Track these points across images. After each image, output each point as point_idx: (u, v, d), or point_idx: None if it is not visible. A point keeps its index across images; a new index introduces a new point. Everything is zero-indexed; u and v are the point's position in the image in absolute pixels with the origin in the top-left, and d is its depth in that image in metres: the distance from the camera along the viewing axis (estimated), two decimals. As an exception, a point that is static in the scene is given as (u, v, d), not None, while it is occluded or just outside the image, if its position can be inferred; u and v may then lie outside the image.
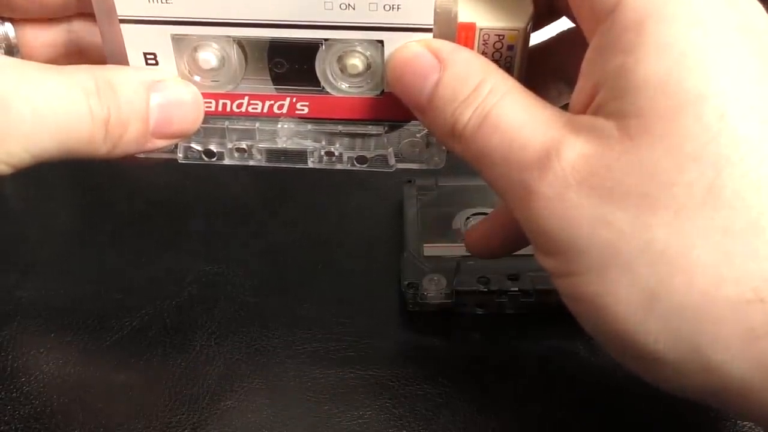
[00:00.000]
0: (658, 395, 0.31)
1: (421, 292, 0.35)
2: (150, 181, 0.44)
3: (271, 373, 0.33)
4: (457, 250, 0.37)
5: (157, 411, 0.31)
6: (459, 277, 0.35)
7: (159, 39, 0.27)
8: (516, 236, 0.31)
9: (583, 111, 0.23)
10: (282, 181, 0.43)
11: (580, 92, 0.23)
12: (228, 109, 0.28)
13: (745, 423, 0.30)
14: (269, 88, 0.28)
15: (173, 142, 0.28)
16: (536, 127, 0.23)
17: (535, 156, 0.22)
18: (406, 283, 0.35)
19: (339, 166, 0.29)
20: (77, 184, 0.45)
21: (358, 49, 0.26)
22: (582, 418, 0.31)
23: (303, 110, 0.28)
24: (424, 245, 0.37)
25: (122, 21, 0.26)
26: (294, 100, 0.28)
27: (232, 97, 0.28)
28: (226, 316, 0.35)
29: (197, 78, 0.28)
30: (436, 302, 0.35)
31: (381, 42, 0.26)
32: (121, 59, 0.27)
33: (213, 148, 0.29)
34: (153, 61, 0.27)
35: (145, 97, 0.26)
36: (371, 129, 0.28)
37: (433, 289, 0.35)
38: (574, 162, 0.22)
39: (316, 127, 0.28)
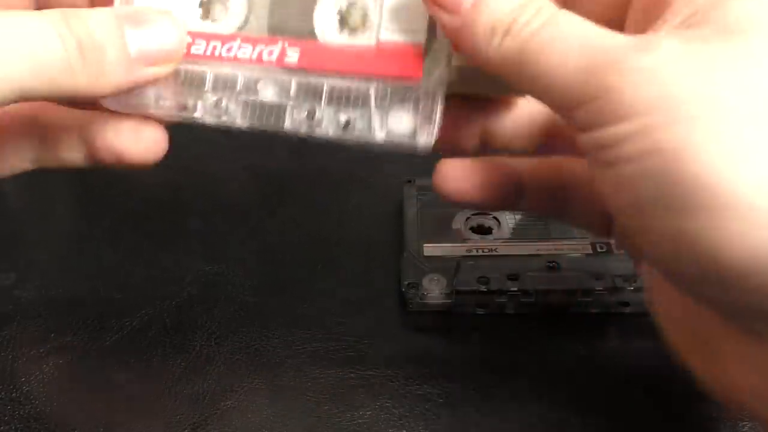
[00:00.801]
0: (658, 395, 0.31)
1: (421, 292, 0.35)
2: (149, 180, 0.44)
3: (271, 373, 0.33)
4: (457, 250, 0.37)
5: (157, 411, 0.31)
6: (459, 277, 0.35)
7: None
8: (506, 182, 0.29)
9: None
10: (281, 180, 0.43)
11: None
12: (216, 53, 0.27)
13: (745, 423, 0.30)
14: (261, 31, 0.27)
15: (162, 68, 0.27)
16: (614, 34, 0.22)
17: (622, 48, 0.21)
18: (406, 283, 0.35)
19: (318, 132, 0.27)
20: (76, 182, 0.45)
21: None
22: (582, 418, 0.31)
23: (292, 58, 0.27)
24: (424, 245, 0.37)
25: None
26: (285, 44, 0.27)
27: (224, 39, 0.27)
28: (226, 316, 0.35)
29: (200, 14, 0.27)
30: (436, 302, 0.35)
31: None
32: None
33: (190, 100, 0.27)
34: None
35: (116, 23, 0.25)
36: (360, 86, 0.26)
37: (434, 289, 0.35)
38: (672, 47, 0.21)
39: (301, 81, 0.27)
